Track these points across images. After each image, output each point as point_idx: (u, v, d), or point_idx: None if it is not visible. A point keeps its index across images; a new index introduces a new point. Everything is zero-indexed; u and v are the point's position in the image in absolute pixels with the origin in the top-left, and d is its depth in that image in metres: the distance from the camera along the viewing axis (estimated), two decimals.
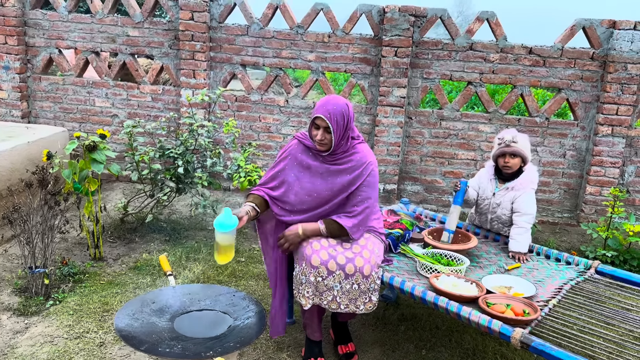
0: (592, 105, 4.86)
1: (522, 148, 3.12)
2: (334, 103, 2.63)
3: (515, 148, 3.10)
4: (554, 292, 2.68)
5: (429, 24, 4.87)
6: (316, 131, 2.66)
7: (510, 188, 3.16)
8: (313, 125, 2.68)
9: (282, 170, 2.80)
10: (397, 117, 5.02)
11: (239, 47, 5.19)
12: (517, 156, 3.13)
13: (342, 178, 2.72)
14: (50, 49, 5.47)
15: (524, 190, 3.13)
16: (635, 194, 4.99)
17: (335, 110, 2.61)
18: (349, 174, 2.72)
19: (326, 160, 2.74)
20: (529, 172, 3.18)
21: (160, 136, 4.90)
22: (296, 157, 2.79)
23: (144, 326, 2.28)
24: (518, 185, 3.14)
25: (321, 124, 2.63)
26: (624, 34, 4.60)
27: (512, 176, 3.18)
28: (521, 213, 3.11)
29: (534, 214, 3.14)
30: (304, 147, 2.80)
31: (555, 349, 2.11)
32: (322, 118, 2.61)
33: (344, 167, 2.72)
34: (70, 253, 3.98)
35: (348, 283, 2.61)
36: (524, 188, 3.13)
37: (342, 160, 2.73)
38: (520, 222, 3.11)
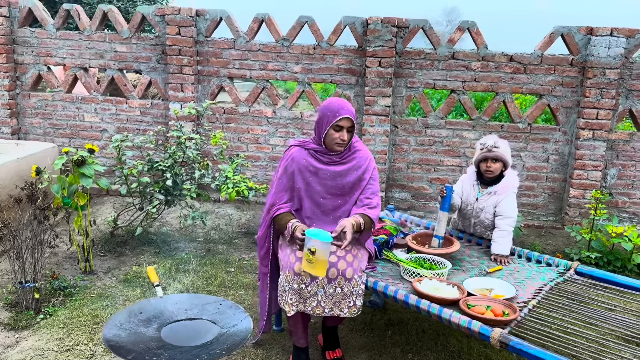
0: (573, 110, 4.97)
1: (503, 153, 3.22)
2: (346, 104, 2.77)
3: (497, 153, 3.20)
4: (534, 293, 2.74)
5: (411, 34, 4.97)
6: (338, 133, 2.74)
7: (493, 192, 3.25)
8: (334, 128, 2.73)
9: (290, 180, 2.85)
10: (383, 126, 5.11)
11: (225, 61, 5.27)
12: (499, 161, 3.23)
13: (351, 175, 2.84)
14: (39, 66, 5.53)
15: (506, 194, 3.21)
16: (618, 196, 5.08)
17: (351, 110, 2.77)
18: (357, 171, 2.84)
19: (333, 160, 2.83)
20: (510, 176, 3.27)
21: (149, 149, 4.96)
22: (301, 163, 2.84)
23: (131, 336, 2.32)
24: (500, 190, 3.23)
25: (345, 124, 2.74)
26: (601, 40, 4.72)
27: (493, 181, 3.27)
28: (504, 216, 3.19)
29: (515, 217, 3.22)
30: (307, 152, 2.85)
31: (533, 347, 2.17)
32: (350, 118, 2.73)
33: (350, 165, 2.84)
34: (60, 267, 4.02)
35: (331, 287, 2.66)
36: (505, 192, 3.22)
37: (348, 158, 2.85)
38: (503, 225, 3.18)
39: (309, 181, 2.83)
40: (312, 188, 2.83)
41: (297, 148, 2.88)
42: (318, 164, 2.83)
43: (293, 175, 2.85)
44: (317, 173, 2.83)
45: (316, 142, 2.86)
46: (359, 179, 2.85)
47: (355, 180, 2.84)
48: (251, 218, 5.11)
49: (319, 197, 2.84)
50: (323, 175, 2.82)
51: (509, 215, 3.20)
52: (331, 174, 2.83)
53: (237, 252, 4.48)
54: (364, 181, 2.86)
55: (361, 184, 2.86)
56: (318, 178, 2.83)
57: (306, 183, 2.83)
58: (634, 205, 5.07)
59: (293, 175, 2.85)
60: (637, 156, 4.98)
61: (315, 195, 2.83)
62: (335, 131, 2.74)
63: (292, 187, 2.86)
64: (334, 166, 2.83)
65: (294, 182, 2.85)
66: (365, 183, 2.86)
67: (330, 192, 2.84)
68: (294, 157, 2.86)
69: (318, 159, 2.84)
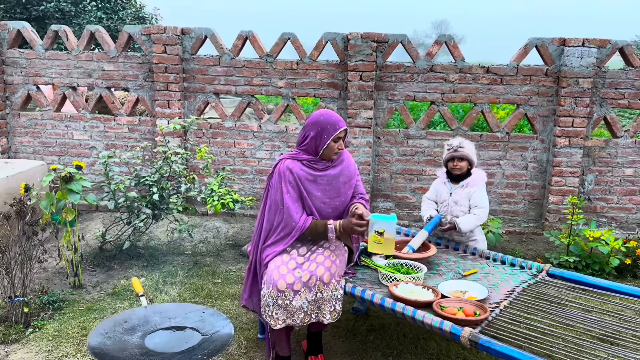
0: (549, 118, 5.12)
1: (468, 152, 3.50)
2: (338, 115, 2.98)
3: (462, 152, 3.47)
4: (506, 295, 2.85)
5: (390, 48, 5.12)
6: (337, 143, 2.93)
7: (465, 185, 3.52)
8: (333, 140, 2.90)
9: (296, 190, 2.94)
10: (366, 138, 5.24)
11: (211, 77, 5.40)
12: (464, 160, 3.50)
13: (343, 176, 3.03)
14: (29, 86, 5.64)
15: (477, 185, 3.49)
16: (596, 202, 5.22)
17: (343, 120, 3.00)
18: (346, 172, 3.05)
19: (327, 166, 3.00)
20: (477, 171, 3.58)
21: (137, 165, 5.06)
22: (300, 174, 2.95)
23: (116, 344, 2.40)
24: (471, 182, 3.51)
25: (343, 134, 2.95)
26: (573, 50, 4.89)
27: (462, 177, 3.54)
28: (478, 206, 3.46)
29: (487, 207, 3.48)
30: (300, 162, 2.97)
31: (500, 345, 2.27)
32: (347, 129, 2.97)
33: (341, 167, 3.04)
34: (50, 282, 4.09)
35: (312, 294, 2.76)
36: (476, 184, 3.50)
37: (336, 163, 3.03)
38: (476, 211, 3.46)
39: (309, 189, 2.96)
40: (312, 195, 2.97)
41: (290, 160, 2.98)
42: (315, 172, 2.97)
43: (298, 185, 2.95)
44: (315, 180, 2.97)
45: (309, 153, 2.98)
46: (349, 178, 3.06)
47: (346, 180, 3.05)
48: (239, 230, 5.20)
49: (320, 202, 2.98)
50: (321, 182, 2.97)
51: (483, 205, 3.47)
52: (328, 179, 2.98)
53: (225, 264, 4.57)
54: (353, 179, 3.09)
55: (351, 182, 3.08)
56: (317, 184, 2.97)
57: (307, 191, 2.96)
58: (612, 209, 5.21)
59: (298, 185, 2.95)
60: (613, 162, 5.13)
61: (316, 201, 2.97)
62: (335, 142, 2.92)
63: (299, 196, 2.96)
64: (328, 171, 3.00)
65: (300, 191, 2.95)
66: (355, 182, 3.11)
67: (328, 195, 3.00)
68: (292, 169, 2.94)
69: (313, 167, 2.98)
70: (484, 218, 3.46)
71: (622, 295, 2.93)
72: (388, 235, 2.79)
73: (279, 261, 2.85)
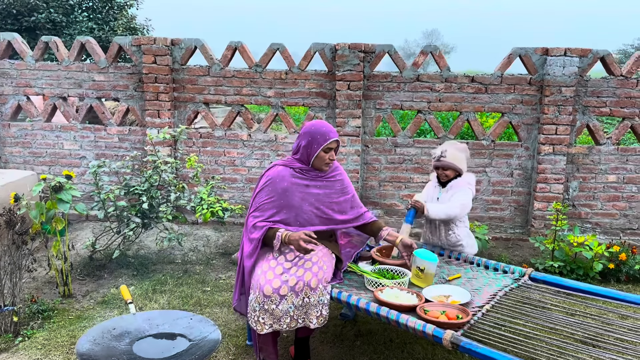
0: (533, 126, 5.22)
1: (451, 161, 3.47)
2: (331, 126, 3.05)
3: (444, 162, 3.48)
4: (489, 299, 2.91)
5: (377, 58, 5.21)
6: (328, 154, 3.01)
7: (449, 188, 3.53)
8: (324, 150, 2.98)
9: (280, 196, 3.01)
10: (354, 146, 5.31)
11: (201, 87, 5.46)
12: (449, 168, 3.50)
13: (336, 188, 3.12)
14: (19, 97, 5.67)
15: (459, 187, 3.48)
16: (581, 208, 5.31)
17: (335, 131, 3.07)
18: (339, 183, 3.13)
19: (319, 176, 3.07)
20: (465, 175, 3.56)
21: (127, 174, 5.09)
22: (292, 181, 3.03)
23: (104, 350, 2.44)
24: (455, 185, 3.51)
25: (334, 145, 3.01)
26: (556, 60, 5.00)
27: (449, 182, 3.56)
28: (452, 201, 3.45)
29: (464, 204, 3.44)
30: (292, 171, 3.05)
31: (480, 347, 2.33)
32: (338, 140, 3.03)
33: (335, 179, 3.12)
34: (39, 291, 4.10)
35: (299, 299, 2.81)
36: (460, 186, 3.49)
37: (332, 174, 3.12)
38: (448, 203, 3.45)
39: (304, 196, 3.02)
40: (305, 203, 3.03)
41: (282, 167, 3.06)
42: (307, 181, 3.04)
43: (285, 193, 3.01)
44: (308, 188, 3.04)
45: (302, 162, 3.06)
46: (343, 189, 3.14)
47: (339, 192, 3.12)
48: (229, 239, 5.24)
49: (308, 212, 3.04)
50: (314, 190, 3.04)
51: (456, 201, 3.43)
52: (320, 188, 3.05)
53: (214, 272, 4.60)
54: (347, 194, 3.16)
55: (346, 196, 3.15)
56: (309, 193, 3.04)
57: (301, 198, 3.02)
58: (596, 215, 5.30)
59: (285, 193, 3.01)
60: (597, 169, 5.23)
61: (308, 208, 3.03)
62: (325, 152, 2.99)
63: (284, 204, 3.01)
64: (321, 181, 3.07)
65: (288, 199, 3.00)
66: (349, 192, 3.17)
67: (322, 204, 3.06)
68: (283, 176, 3.02)
69: (304, 176, 3.04)
70: (455, 210, 3.41)
71: (604, 298, 2.99)
72: (428, 271, 3.04)
73: (265, 266, 2.90)
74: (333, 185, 3.11)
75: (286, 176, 3.02)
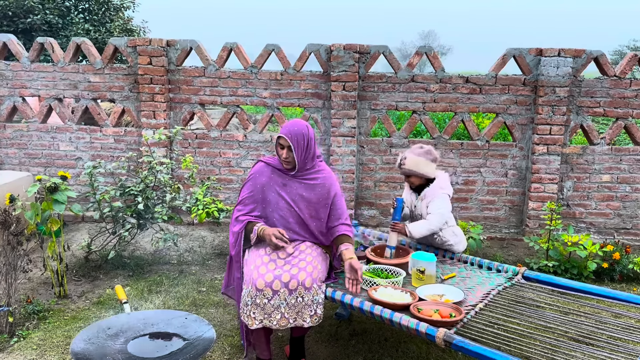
0: (527, 127, 5.24)
1: (410, 168, 3.45)
2: (294, 125, 3.01)
3: (404, 170, 3.48)
4: (482, 297, 2.93)
5: (372, 59, 5.23)
6: (281, 150, 3.01)
7: (424, 196, 3.51)
8: (278, 146, 3.02)
9: (259, 192, 3.06)
10: (350, 147, 5.33)
11: (196, 88, 5.47)
12: (412, 175, 3.48)
13: (317, 191, 3.06)
14: (14, 98, 5.67)
15: (434, 195, 3.46)
16: (575, 208, 5.34)
17: (295, 131, 2.98)
18: (322, 188, 3.07)
19: (297, 177, 3.06)
20: (438, 179, 3.52)
21: (122, 175, 5.10)
22: (271, 177, 3.07)
23: (99, 349, 2.45)
24: (429, 193, 3.49)
25: (284, 143, 2.98)
26: (549, 60, 5.02)
27: (422, 187, 3.53)
28: (431, 213, 3.43)
29: (442, 213, 3.42)
30: (272, 168, 3.10)
31: (473, 344, 2.35)
32: (284, 138, 2.97)
33: (316, 183, 3.07)
34: (35, 292, 4.10)
35: (293, 298, 2.82)
36: (434, 194, 3.46)
37: (313, 176, 3.08)
38: (427, 216, 3.44)
39: (280, 193, 3.05)
40: (281, 200, 3.05)
41: (264, 164, 3.13)
42: (286, 180, 3.06)
43: (263, 188, 3.07)
44: (286, 186, 3.06)
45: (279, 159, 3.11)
46: (326, 196, 3.07)
47: (322, 196, 3.07)
48: (224, 240, 5.24)
49: (288, 208, 3.05)
50: (292, 190, 3.05)
51: (435, 212, 3.41)
52: (299, 189, 3.05)
53: (210, 272, 4.61)
54: (329, 198, 3.09)
55: (327, 200, 3.08)
56: (287, 191, 3.05)
57: (278, 195, 3.05)
58: (590, 215, 5.33)
59: (263, 188, 3.07)
60: (591, 169, 5.26)
61: (285, 207, 3.04)
62: (280, 148, 3.01)
63: (261, 199, 3.07)
64: (299, 182, 3.06)
65: (265, 194, 3.06)
66: (332, 199, 3.10)
67: (299, 204, 3.05)
68: (263, 172, 3.09)
69: (283, 175, 3.07)
70: (436, 223, 3.40)
71: (598, 297, 3.02)
72: (429, 272, 3.07)
73: (259, 261, 2.92)
74: (313, 187, 3.06)
75: (266, 172, 3.09)
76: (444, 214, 3.43)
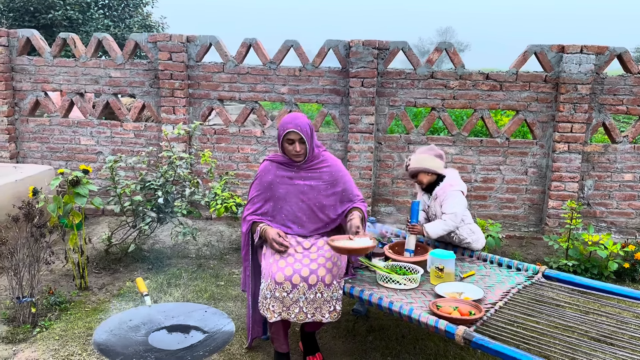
0: (548, 124, 5.18)
1: (416, 165, 3.45)
2: (296, 118, 3.01)
3: (411, 171, 3.49)
4: (502, 296, 2.91)
5: (391, 55, 5.21)
6: (291, 145, 3.00)
7: (436, 196, 3.50)
8: (286, 142, 3.00)
9: (267, 190, 3.09)
10: (367, 143, 5.32)
11: (216, 84, 5.50)
12: (420, 174, 3.49)
13: (325, 179, 3.08)
14: (37, 92, 5.76)
15: (445, 193, 3.45)
16: (596, 207, 5.27)
17: (301, 123, 2.99)
18: (329, 176, 3.09)
19: (303, 169, 3.08)
20: (447, 177, 3.51)
21: (142, 170, 5.15)
22: (276, 174, 3.09)
23: (120, 340, 2.48)
24: (440, 192, 3.48)
25: (294, 137, 2.98)
26: (572, 57, 4.96)
27: (433, 186, 3.52)
28: (446, 213, 3.42)
29: (457, 212, 3.41)
30: (278, 164, 3.12)
31: (493, 342, 2.34)
32: (296, 132, 2.97)
33: (322, 172, 3.08)
34: (57, 284, 4.17)
35: (312, 293, 2.83)
36: (445, 192, 3.45)
37: (318, 166, 3.09)
38: (443, 217, 3.43)
39: (289, 189, 3.06)
40: (290, 194, 3.06)
41: (268, 162, 3.15)
42: (292, 173, 3.08)
43: (271, 186, 3.09)
44: (293, 181, 3.07)
45: (283, 155, 3.12)
46: (334, 182, 3.09)
47: (328, 184, 3.08)
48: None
49: (297, 202, 3.06)
50: (298, 182, 3.07)
51: (450, 211, 3.40)
52: (306, 179, 3.06)
53: (228, 266, 4.64)
54: (337, 187, 3.10)
55: (335, 189, 3.09)
56: (294, 185, 3.07)
57: (287, 191, 3.06)
58: (611, 214, 5.26)
59: (271, 186, 3.09)
60: (612, 167, 5.18)
61: (293, 201, 3.06)
62: (289, 144, 3.00)
63: (269, 197, 3.09)
64: (306, 172, 3.07)
65: (273, 192, 3.08)
66: (342, 184, 3.11)
67: (308, 194, 3.06)
68: (268, 170, 3.12)
69: (289, 170, 3.09)
70: (451, 223, 3.38)
71: (619, 297, 2.98)
72: (448, 270, 3.05)
73: (277, 255, 2.94)
74: (320, 176, 3.08)
75: (272, 170, 3.11)
76: (458, 213, 3.41)
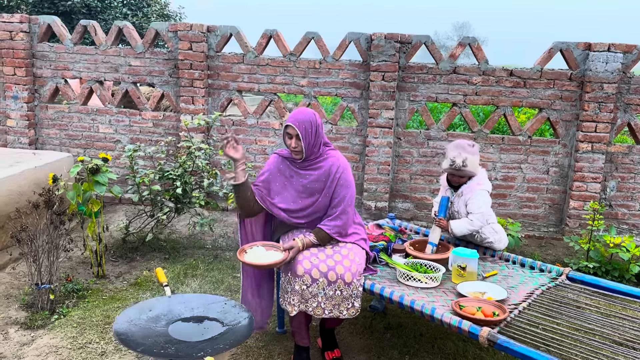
0: (572, 123, 5.09)
1: (471, 169, 3.32)
2: (301, 113, 2.97)
3: (464, 172, 3.32)
4: (525, 297, 2.86)
5: (413, 49, 5.14)
6: (289, 140, 2.97)
7: (461, 194, 3.41)
8: (286, 135, 2.99)
9: (270, 180, 3.09)
10: (386, 138, 5.26)
11: (235, 74, 5.47)
12: (466, 176, 3.38)
13: (318, 179, 3.02)
14: (57, 79, 5.77)
15: (472, 192, 3.35)
16: (618, 208, 5.17)
17: (302, 119, 2.94)
18: (323, 178, 3.02)
19: (302, 167, 3.04)
20: (476, 176, 3.41)
21: (161, 159, 5.15)
22: (278, 169, 3.09)
23: (141, 330, 2.47)
24: (467, 190, 3.38)
25: (292, 132, 2.95)
26: (598, 55, 4.85)
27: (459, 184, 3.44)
28: (472, 212, 3.33)
29: (483, 212, 3.32)
30: (283, 158, 3.11)
31: (518, 345, 2.29)
32: (292, 126, 2.93)
33: (317, 173, 3.02)
34: (74, 271, 4.19)
35: (331, 290, 2.80)
36: (472, 190, 3.36)
37: (316, 165, 3.04)
38: (469, 216, 3.34)
39: (285, 185, 3.06)
40: (287, 189, 3.05)
41: (276, 156, 3.14)
42: (292, 170, 3.06)
43: (269, 179, 3.09)
44: (291, 178, 3.06)
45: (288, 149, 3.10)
46: (324, 186, 3.02)
47: (321, 183, 3.02)
48: None
49: (293, 197, 3.05)
50: (295, 181, 3.05)
51: (476, 211, 3.31)
52: (301, 180, 3.04)
53: None
54: (329, 189, 3.01)
55: (326, 188, 3.01)
56: (292, 181, 3.06)
57: (282, 186, 3.06)
58: (634, 217, 5.16)
59: (269, 179, 3.09)
60: (636, 169, 5.08)
61: (289, 196, 3.05)
62: (288, 138, 2.98)
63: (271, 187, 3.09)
64: (303, 171, 3.04)
65: (270, 184, 3.08)
66: (332, 191, 3.01)
67: (304, 192, 3.04)
68: (273, 164, 3.12)
69: (290, 166, 3.07)
70: (477, 223, 3.30)
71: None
72: (470, 269, 3.00)
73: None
74: (315, 176, 3.02)
75: (277, 163, 3.10)
76: (484, 213, 3.33)
